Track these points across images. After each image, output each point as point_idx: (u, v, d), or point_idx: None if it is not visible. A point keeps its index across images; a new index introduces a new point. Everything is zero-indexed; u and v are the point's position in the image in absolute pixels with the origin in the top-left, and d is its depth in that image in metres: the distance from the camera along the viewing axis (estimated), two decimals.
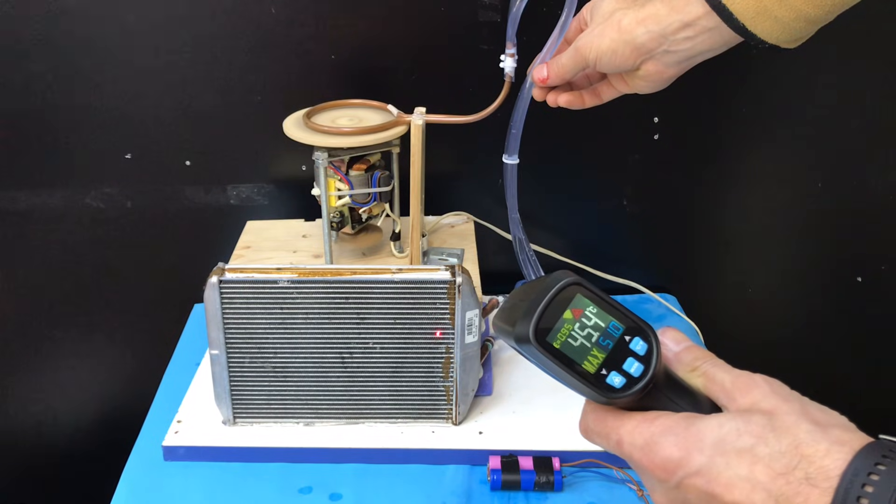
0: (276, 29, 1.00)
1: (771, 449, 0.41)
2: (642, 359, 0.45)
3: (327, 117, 0.93)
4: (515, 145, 0.85)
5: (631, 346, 0.45)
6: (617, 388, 0.45)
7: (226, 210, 1.11)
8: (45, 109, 1.04)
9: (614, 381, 0.45)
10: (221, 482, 0.82)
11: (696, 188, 1.13)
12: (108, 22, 0.99)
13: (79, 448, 1.29)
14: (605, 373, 0.45)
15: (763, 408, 0.43)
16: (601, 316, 0.45)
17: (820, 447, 0.40)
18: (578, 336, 0.45)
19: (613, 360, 0.45)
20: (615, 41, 0.68)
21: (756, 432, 0.42)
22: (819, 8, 0.62)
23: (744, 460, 0.41)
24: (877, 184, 1.12)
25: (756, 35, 0.64)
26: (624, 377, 0.45)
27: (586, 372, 0.45)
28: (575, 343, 0.45)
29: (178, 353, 1.02)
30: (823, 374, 1.27)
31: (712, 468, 0.42)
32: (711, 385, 0.46)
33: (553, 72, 0.75)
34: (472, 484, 0.81)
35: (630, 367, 0.45)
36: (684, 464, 0.43)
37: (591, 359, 0.45)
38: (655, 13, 0.66)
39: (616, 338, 0.45)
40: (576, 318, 0.45)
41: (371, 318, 0.80)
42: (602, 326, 0.45)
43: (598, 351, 0.45)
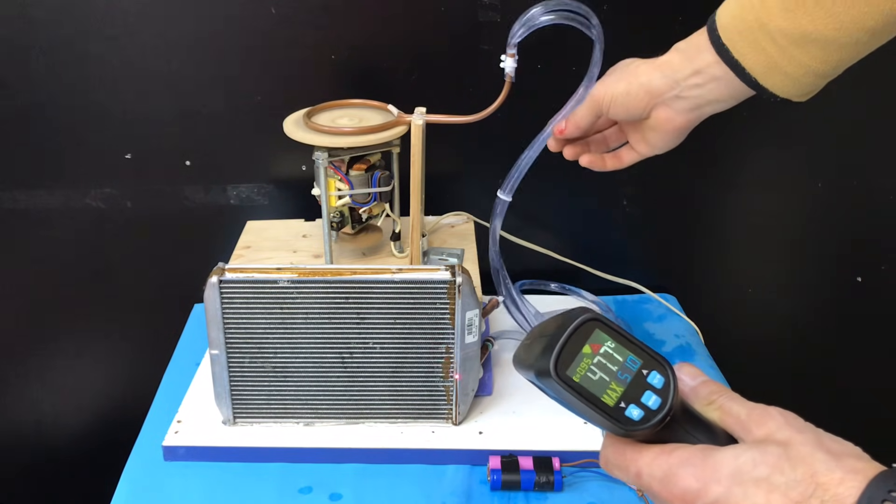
0: (276, 29, 1.00)
1: (787, 478, 0.41)
2: (660, 392, 0.46)
3: (327, 117, 0.93)
4: (514, 186, 0.87)
5: (648, 379, 0.46)
6: (636, 420, 0.46)
7: (226, 210, 1.11)
8: (45, 109, 1.04)
9: (633, 414, 0.46)
10: (221, 482, 0.82)
11: (696, 188, 1.13)
12: (108, 22, 0.99)
13: (79, 448, 1.29)
14: (623, 406, 0.46)
15: (778, 439, 0.44)
16: (619, 350, 0.47)
17: (835, 476, 0.40)
18: (597, 370, 0.46)
19: (632, 393, 0.46)
20: (630, 84, 0.71)
21: (772, 462, 0.42)
22: (826, 64, 0.65)
23: (760, 489, 0.42)
24: (877, 184, 1.12)
25: (767, 89, 0.67)
26: (642, 410, 0.46)
27: (605, 405, 0.46)
28: (594, 377, 0.46)
29: (178, 353, 1.02)
30: (823, 374, 1.27)
31: (730, 498, 0.43)
32: (727, 418, 0.47)
33: (570, 122, 0.78)
34: (472, 484, 0.81)
35: (648, 399, 0.46)
36: (703, 494, 0.44)
37: (609, 392, 0.46)
38: (669, 61, 0.70)
39: (634, 371, 0.46)
40: (594, 352, 0.46)
41: (371, 318, 0.80)
42: (620, 361, 0.46)
43: (617, 384, 0.46)
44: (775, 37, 0.63)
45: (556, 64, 1.03)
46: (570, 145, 0.81)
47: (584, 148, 0.81)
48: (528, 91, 0.93)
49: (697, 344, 1.06)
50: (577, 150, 0.81)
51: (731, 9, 0.67)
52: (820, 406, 1.28)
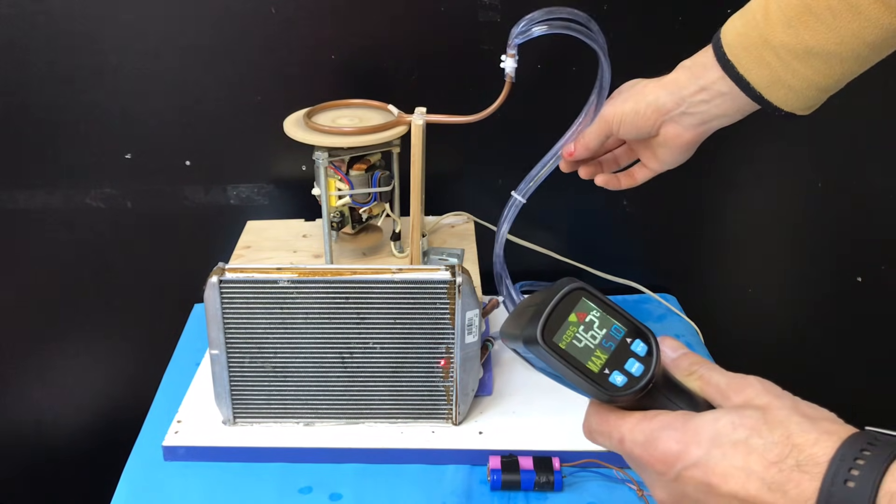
0: (276, 29, 1.00)
1: (764, 440, 0.43)
2: (643, 359, 0.48)
3: (328, 117, 0.93)
4: (530, 190, 0.87)
5: (632, 347, 0.48)
6: (619, 386, 0.47)
7: (226, 210, 1.11)
8: (45, 109, 1.04)
9: (616, 380, 0.47)
10: (221, 482, 0.82)
11: (696, 188, 1.13)
12: (108, 22, 0.99)
13: (79, 448, 1.29)
14: (607, 372, 0.47)
15: (756, 404, 0.46)
16: (604, 319, 0.48)
17: (810, 437, 0.42)
18: (583, 338, 0.48)
19: (616, 360, 0.47)
20: (638, 103, 0.73)
21: (750, 425, 0.44)
22: (828, 77, 0.67)
23: (739, 451, 0.44)
24: (877, 184, 1.12)
25: (771, 103, 0.68)
26: (626, 376, 0.47)
27: (590, 371, 0.47)
28: (579, 344, 0.47)
29: (178, 353, 1.02)
30: (823, 374, 1.27)
31: (710, 460, 0.44)
32: (707, 387, 0.49)
33: (579, 144, 0.79)
34: (472, 484, 0.81)
35: (631, 367, 0.47)
36: (683, 457, 0.45)
37: (594, 359, 0.47)
38: (676, 79, 0.73)
39: (618, 340, 0.48)
40: (580, 320, 0.48)
41: (371, 318, 0.80)
42: (605, 329, 0.48)
43: (601, 352, 0.47)
44: (779, 52, 0.65)
45: (556, 64, 1.03)
46: (584, 165, 0.84)
47: (597, 168, 0.84)
48: (528, 91, 0.93)
49: (697, 344, 1.06)
50: (591, 169, 0.84)
51: (735, 26, 0.69)
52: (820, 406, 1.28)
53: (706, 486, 0.44)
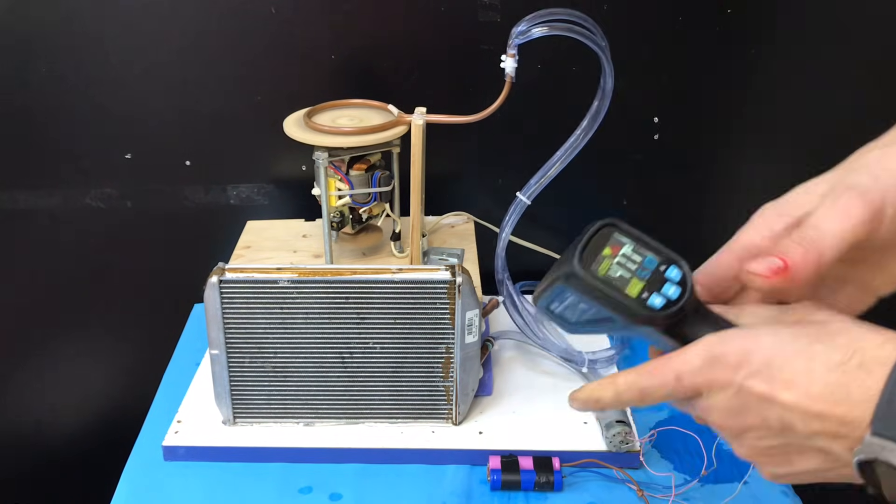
0: (276, 29, 1.00)
1: (826, 345, 0.43)
2: (678, 283, 0.49)
3: (328, 117, 0.93)
4: (537, 191, 0.87)
5: (667, 273, 0.50)
6: (658, 307, 0.49)
7: (226, 210, 1.11)
8: (45, 109, 1.04)
9: (655, 302, 0.49)
10: (221, 482, 0.82)
11: (695, 188, 1.13)
12: (108, 22, 0.99)
13: (79, 448, 1.29)
14: (645, 296, 0.49)
15: (814, 320, 0.46)
16: (637, 250, 0.50)
17: (875, 340, 0.42)
18: (618, 268, 0.50)
19: (652, 286, 0.49)
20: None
21: (812, 333, 0.44)
22: None
23: (801, 357, 0.43)
24: None
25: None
26: (664, 298, 0.49)
27: (630, 295, 0.49)
28: (615, 275, 0.49)
29: (178, 353, 1.02)
30: None
31: (772, 367, 0.44)
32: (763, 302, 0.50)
33: (827, 249, 0.47)
34: (472, 484, 0.81)
35: (668, 290, 0.49)
36: (744, 364, 0.44)
37: (632, 286, 0.49)
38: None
39: (652, 269, 0.50)
40: (614, 253, 0.50)
41: (371, 318, 0.80)
42: (639, 260, 0.50)
43: (638, 280, 0.49)
44: None
45: (556, 64, 1.03)
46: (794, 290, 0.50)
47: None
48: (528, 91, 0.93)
49: None
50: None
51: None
52: None
53: (769, 397, 0.43)
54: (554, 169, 0.87)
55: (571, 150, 0.85)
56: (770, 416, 0.44)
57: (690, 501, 0.79)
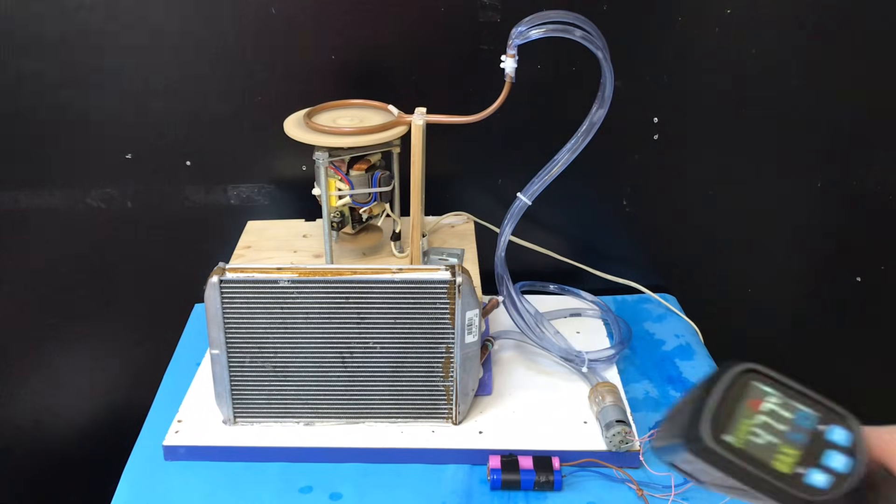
0: (276, 29, 1.00)
1: None
2: (847, 450, 0.37)
3: (328, 117, 0.93)
4: (537, 191, 0.87)
5: (828, 436, 0.37)
6: (823, 488, 0.36)
7: (226, 210, 1.11)
8: (46, 109, 1.04)
9: (817, 481, 0.36)
10: (221, 482, 0.82)
11: (696, 188, 1.13)
12: (108, 22, 0.99)
13: (79, 447, 1.29)
14: (802, 471, 0.37)
15: None
16: (786, 405, 0.38)
17: None
18: (762, 432, 0.37)
19: (810, 455, 0.37)
20: None
21: None
22: None
23: None
24: (876, 184, 1.12)
25: None
26: (828, 474, 0.37)
27: (779, 472, 0.37)
28: (759, 441, 0.37)
29: (179, 353, 1.02)
30: (823, 374, 1.27)
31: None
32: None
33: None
34: (472, 484, 0.81)
35: (832, 461, 0.37)
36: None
37: (781, 457, 0.37)
38: None
39: (808, 429, 0.38)
40: (755, 410, 0.38)
41: (371, 318, 0.81)
42: (789, 418, 0.38)
43: (789, 447, 0.37)
44: None
45: (556, 64, 1.03)
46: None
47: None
48: (528, 91, 0.93)
49: (697, 344, 1.06)
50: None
51: None
52: None
53: None
54: (555, 170, 0.87)
55: (572, 151, 0.86)
56: None
57: (690, 501, 0.79)
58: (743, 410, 0.38)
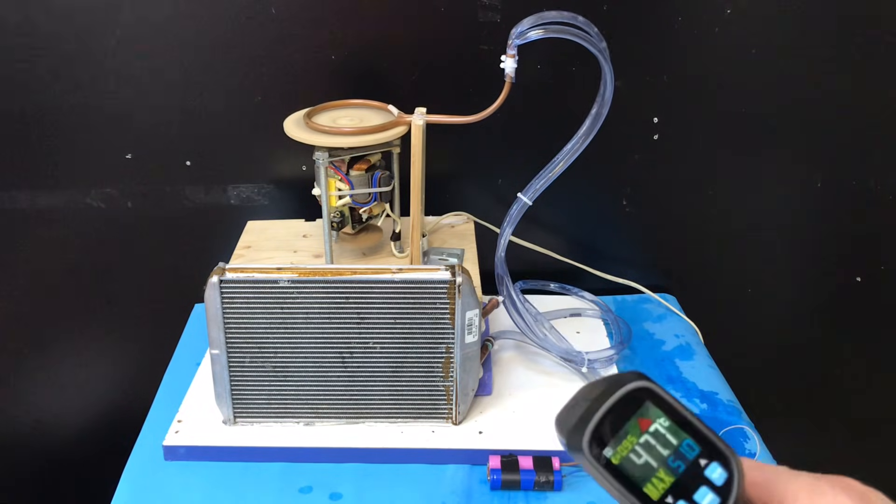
0: (276, 29, 1.00)
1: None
2: (719, 490, 0.37)
3: (328, 117, 0.93)
4: (538, 192, 0.87)
5: (706, 472, 0.37)
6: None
7: (226, 210, 1.11)
8: (45, 109, 1.04)
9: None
10: (221, 482, 0.82)
11: (695, 188, 1.13)
12: (108, 22, 0.99)
13: (79, 448, 1.29)
14: (670, 501, 0.37)
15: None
16: (674, 431, 0.38)
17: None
18: (643, 453, 0.38)
19: (683, 486, 0.37)
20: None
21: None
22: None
23: None
24: (877, 184, 1.12)
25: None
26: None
27: (647, 498, 0.37)
28: (638, 461, 0.38)
29: (179, 353, 1.02)
30: (823, 375, 1.27)
31: None
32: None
33: None
34: (472, 484, 0.81)
35: (703, 498, 0.37)
36: None
37: (655, 482, 0.37)
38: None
39: (689, 460, 0.38)
40: (643, 430, 0.38)
41: (371, 318, 0.81)
42: (674, 444, 0.38)
43: (666, 473, 0.37)
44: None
45: (556, 64, 1.03)
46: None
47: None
48: (528, 91, 0.93)
49: (697, 344, 1.06)
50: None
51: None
52: (820, 407, 1.28)
53: None
54: (556, 170, 0.87)
55: (573, 151, 0.86)
56: None
57: None
58: (631, 427, 0.38)
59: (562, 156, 0.86)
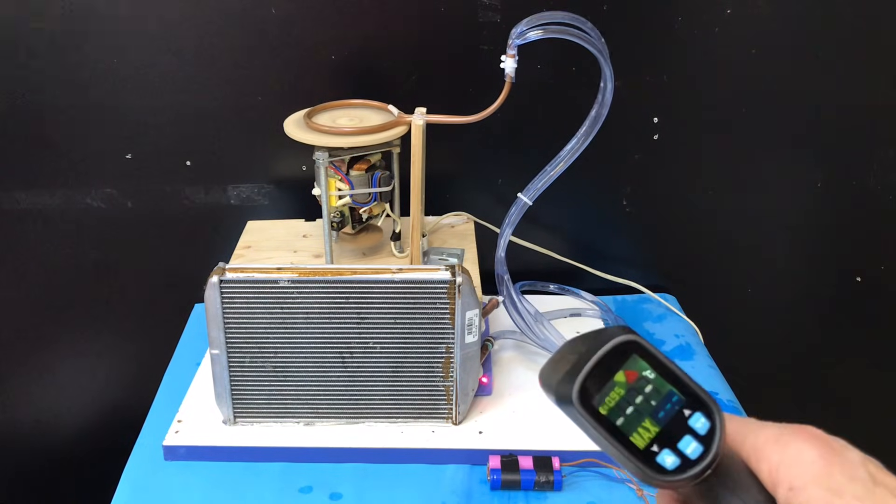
0: (276, 29, 1.00)
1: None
2: (702, 438, 0.38)
3: (328, 117, 0.93)
4: (538, 192, 0.87)
5: (690, 421, 0.38)
6: (668, 469, 0.38)
7: (226, 210, 1.11)
8: (46, 109, 1.04)
9: (666, 462, 0.38)
10: (221, 482, 0.82)
11: (696, 188, 1.13)
12: (108, 22, 0.99)
13: (79, 448, 1.29)
14: (656, 450, 0.38)
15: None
16: (659, 383, 0.39)
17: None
18: (630, 403, 0.39)
19: (668, 435, 0.38)
20: None
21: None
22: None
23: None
24: (876, 184, 1.12)
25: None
26: (678, 457, 0.38)
27: (634, 446, 0.38)
28: (625, 411, 0.38)
29: (179, 353, 1.02)
30: (823, 375, 1.27)
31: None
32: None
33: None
34: (472, 484, 0.81)
35: (687, 446, 0.38)
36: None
37: (641, 431, 0.38)
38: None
39: (674, 410, 0.39)
40: (629, 381, 0.39)
41: (371, 318, 0.81)
42: (659, 395, 0.39)
43: (652, 423, 0.38)
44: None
45: (556, 64, 1.03)
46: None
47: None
48: (528, 91, 0.93)
49: (697, 344, 1.06)
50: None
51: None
52: (820, 406, 1.28)
53: None
54: (556, 170, 0.87)
55: (573, 151, 0.86)
56: None
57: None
58: (618, 378, 0.39)
59: (562, 156, 0.86)
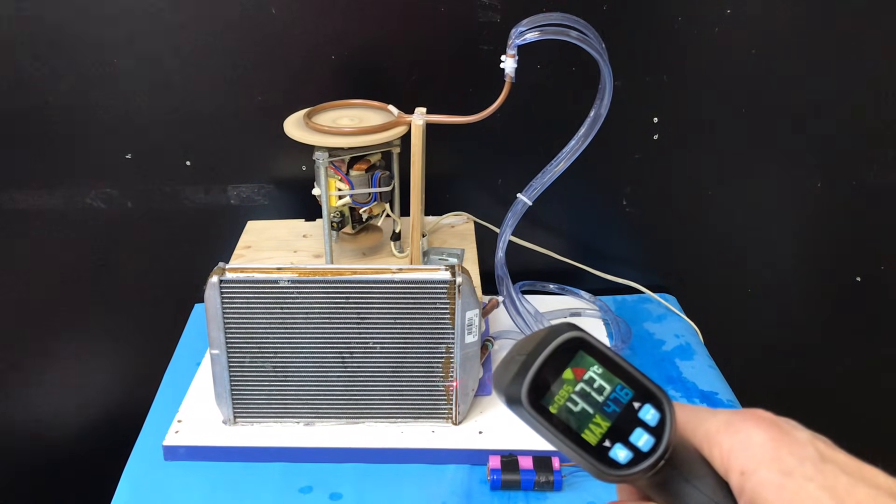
0: (276, 29, 1.00)
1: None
2: (653, 430, 0.38)
3: (328, 117, 0.93)
4: (538, 192, 0.87)
5: (640, 414, 0.39)
6: (622, 463, 0.38)
7: (226, 210, 1.11)
8: (45, 109, 1.04)
9: (619, 456, 0.38)
10: (221, 482, 0.82)
11: (696, 188, 1.13)
12: (107, 22, 0.99)
13: (79, 448, 1.29)
14: (608, 445, 0.38)
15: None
16: (607, 377, 0.39)
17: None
18: (579, 400, 0.39)
19: (619, 430, 0.38)
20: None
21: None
22: None
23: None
24: (877, 184, 1.12)
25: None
26: (631, 451, 0.38)
27: (586, 443, 0.38)
28: (575, 408, 0.39)
29: (179, 353, 1.02)
30: (823, 375, 1.27)
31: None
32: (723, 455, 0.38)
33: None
34: (472, 484, 0.81)
35: (638, 439, 0.38)
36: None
37: (592, 427, 0.39)
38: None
39: (623, 404, 0.39)
40: (577, 378, 0.39)
41: (371, 318, 0.81)
42: (607, 390, 0.39)
43: (602, 419, 0.39)
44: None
45: (556, 64, 1.03)
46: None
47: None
48: (528, 91, 0.93)
49: (697, 344, 1.06)
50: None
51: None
52: (819, 406, 1.28)
53: None
54: (556, 170, 0.87)
55: (573, 152, 0.86)
56: None
57: None
58: (566, 376, 0.39)
59: (562, 156, 0.86)
